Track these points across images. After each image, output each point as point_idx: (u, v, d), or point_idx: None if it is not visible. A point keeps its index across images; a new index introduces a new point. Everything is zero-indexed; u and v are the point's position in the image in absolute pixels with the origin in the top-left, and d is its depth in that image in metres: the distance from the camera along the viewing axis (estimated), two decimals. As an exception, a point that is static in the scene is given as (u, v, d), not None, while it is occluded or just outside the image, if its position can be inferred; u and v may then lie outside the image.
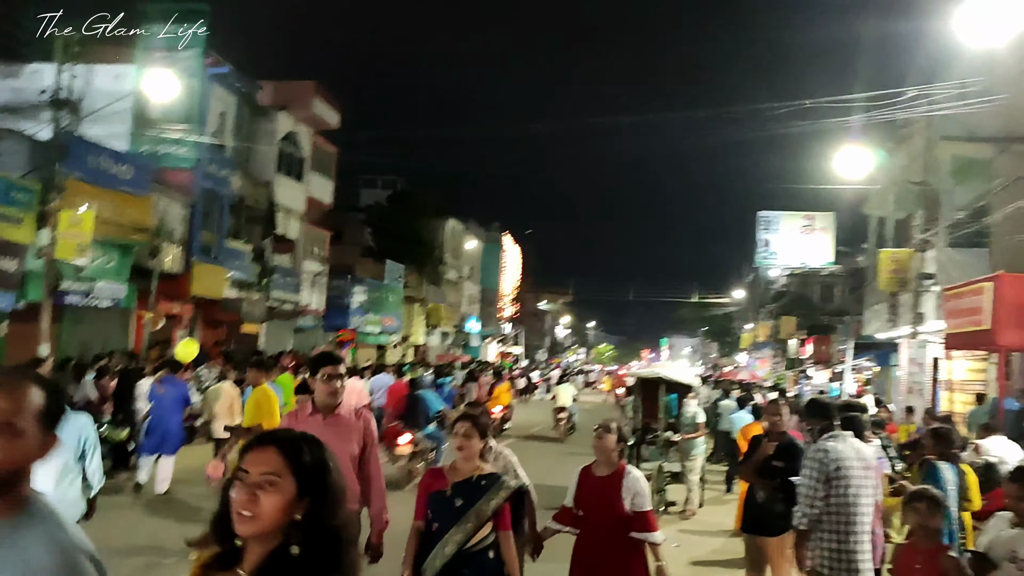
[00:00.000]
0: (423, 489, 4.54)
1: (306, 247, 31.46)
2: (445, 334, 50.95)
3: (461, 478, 4.41)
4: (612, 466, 5.03)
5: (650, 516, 4.92)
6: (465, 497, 4.33)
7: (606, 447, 5.04)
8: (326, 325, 32.59)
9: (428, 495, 4.47)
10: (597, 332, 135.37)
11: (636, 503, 4.89)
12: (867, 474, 5.23)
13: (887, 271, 18.88)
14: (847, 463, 5.16)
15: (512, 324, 70.61)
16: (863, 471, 5.20)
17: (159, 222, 20.87)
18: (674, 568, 8.36)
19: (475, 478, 4.39)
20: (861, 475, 5.18)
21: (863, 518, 5.14)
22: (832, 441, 5.27)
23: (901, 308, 21.01)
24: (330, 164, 33.06)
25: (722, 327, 72.33)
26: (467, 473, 4.41)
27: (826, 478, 5.13)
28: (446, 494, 4.36)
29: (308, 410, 5.07)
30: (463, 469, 4.44)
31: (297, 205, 29.89)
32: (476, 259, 59.14)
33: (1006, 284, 11.87)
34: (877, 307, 24.22)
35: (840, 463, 5.15)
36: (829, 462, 5.14)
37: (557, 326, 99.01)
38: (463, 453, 4.43)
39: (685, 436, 11.52)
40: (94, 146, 18.13)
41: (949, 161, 18.90)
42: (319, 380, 5.00)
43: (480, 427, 4.49)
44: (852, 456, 5.21)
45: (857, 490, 5.13)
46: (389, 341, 39.46)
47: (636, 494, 4.91)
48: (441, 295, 48.18)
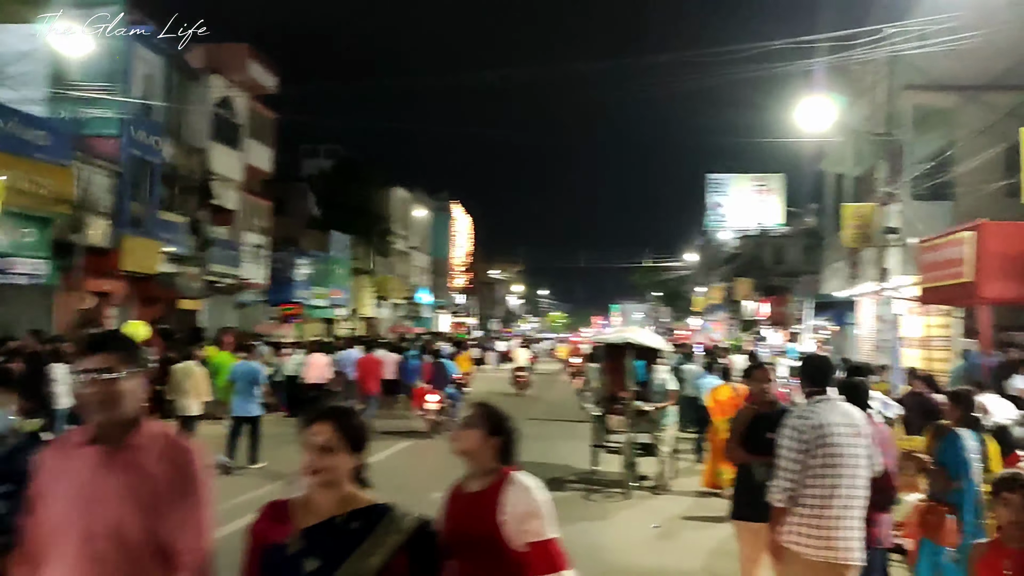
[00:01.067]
0: (253, 541, 2.65)
1: (246, 218, 30.03)
2: (396, 306, 49.80)
3: (316, 519, 2.57)
4: (487, 476, 3.21)
5: (551, 548, 3.10)
6: (322, 552, 2.53)
7: (469, 448, 3.25)
8: (270, 300, 31.29)
9: (260, 552, 2.62)
10: (549, 300, 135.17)
11: (526, 529, 3.07)
12: (856, 442, 4.49)
13: (850, 226, 18.31)
14: (831, 430, 4.46)
15: (464, 295, 69.64)
16: (852, 439, 4.48)
17: (82, 193, 19.43)
18: (658, 543, 7.80)
19: (341, 519, 2.58)
20: (849, 443, 4.47)
21: (850, 491, 4.43)
22: (817, 405, 4.57)
23: (863, 265, 20.53)
24: (268, 131, 31.51)
25: (674, 291, 72.31)
26: (327, 510, 2.59)
27: (806, 448, 4.44)
28: (287, 550, 2.54)
29: (74, 442, 2.71)
30: (320, 503, 2.61)
31: (234, 174, 28.42)
32: (425, 229, 57.92)
33: (989, 233, 11.23)
34: (836, 265, 23.76)
35: (823, 430, 4.45)
36: (808, 430, 4.46)
37: (509, 295, 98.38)
38: (320, 477, 2.58)
39: (656, 405, 10.73)
40: (6, 110, 16.70)
41: (911, 111, 18.35)
42: (78, 382, 2.67)
43: (351, 432, 2.66)
44: (839, 422, 4.49)
45: (841, 460, 4.43)
46: (337, 315, 38.25)
47: (526, 515, 3.09)
48: (390, 266, 46.96)
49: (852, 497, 4.42)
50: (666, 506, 9.93)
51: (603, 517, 9.16)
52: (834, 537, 4.35)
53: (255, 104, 30.14)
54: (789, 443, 4.49)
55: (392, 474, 10.08)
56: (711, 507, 10.00)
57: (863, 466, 4.49)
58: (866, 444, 4.53)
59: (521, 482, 3.17)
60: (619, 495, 10.25)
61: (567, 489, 10.82)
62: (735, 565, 7.34)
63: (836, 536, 4.36)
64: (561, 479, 11.48)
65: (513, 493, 3.12)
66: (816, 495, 4.40)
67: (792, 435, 4.50)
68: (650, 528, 8.70)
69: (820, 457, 4.42)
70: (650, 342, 11.47)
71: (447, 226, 62.79)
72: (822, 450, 4.42)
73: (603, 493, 10.47)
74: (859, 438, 4.51)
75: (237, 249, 28.58)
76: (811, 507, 4.40)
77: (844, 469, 4.41)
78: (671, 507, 9.90)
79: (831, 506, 4.37)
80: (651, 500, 10.20)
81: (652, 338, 12.07)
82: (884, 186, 17.90)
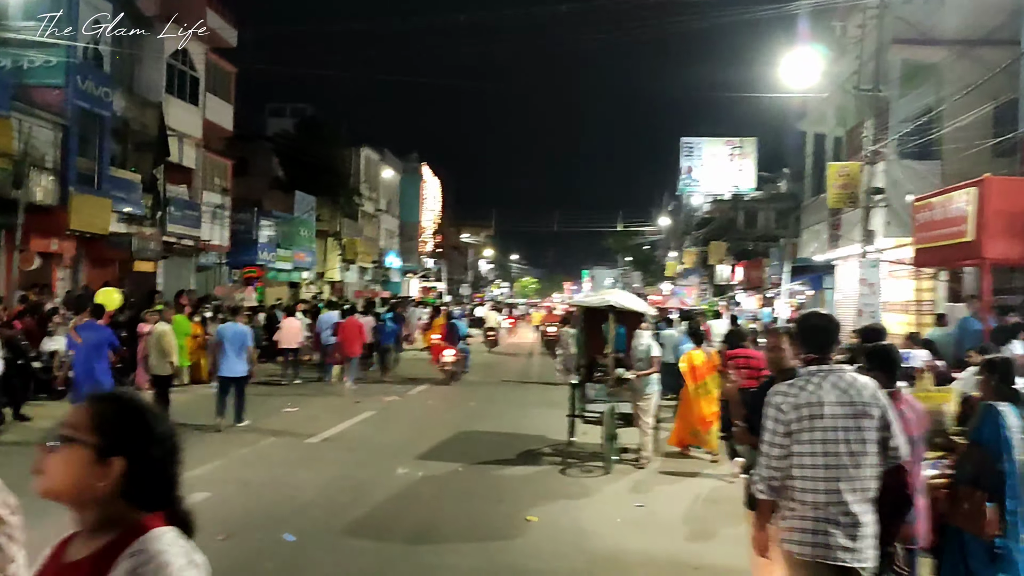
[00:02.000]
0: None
1: (206, 177, 28.75)
2: (363, 269, 48.68)
3: None
4: (103, 531, 1.71)
5: None
6: None
7: (62, 486, 1.71)
8: (231, 262, 30.12)
9: None
10: (520, 266, 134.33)
11: None
12: (859, 424, 3.66)
13: (835, 186, 17.61)
14: (821, 410, 3.66)
15: (434, 259, 68.56)
16: (850, 420, 3.66)
17: (23, 146, 18.20)
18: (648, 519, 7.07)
19: None
20: (848, 424, 3.66)
21: (852, 483, 3.63)
22: (812, 378, 3.76)
23: (846, 227, 19.92)
24: (229, 85, 30.07)
25: (646, 256, 71.74)
26: None
27: (788, 431, 3.67)
28: None
29: None
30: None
31: (193, 130, 27.09)
32: (394, 191, 56.63)
33: (992, 189, 10.52)
34: (816, 227, 23.16)
35: (810, 410, 3.66)
36: (790, 409, 3.68)
37: (480, 260, 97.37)
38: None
39: (639, 373, 9.99)
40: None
41: (900, 66, 17.64)
42: None
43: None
44: (834, 400, 3.68)
45: (836, 445, 3.63)
46: (303, 278, 37.14)
47: None
48: (357, 229, 45.77)
49: (855, 491, 3.63)
50: (650, 481, 9.24)
51: (583, 494, 8.44)
52: (833, 535, 3.58)
53: (214, 57, 28.71)
54: (770, 424, 3.73)
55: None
56: (699, 482, 9.35)
57: (871, 453, 3.67)
58: (877, 427, 3.70)
59: (155, 550, 1.65)
60: (599, 469, 9.55)
61: (543, 463, 10.12)
62: (729, 549, 6.68)
63: (835, 536, 3.58)
64: (536, 452, 10.78)
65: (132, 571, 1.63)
66: (807, 488, 3.63)
67: (772, 415, 3.73)
68: (634, 507, 7.99)
69: (807, 443, 3.65)
70: (633, 305, 10.70)
71: (417, 188, 61.43)
72: (809, 434, 3.65)
73: (581, 467, 9.76)
74: (864, 419, 3.69)
75: (196, 209, 27.34)
76: (802, 501, 3.64)
77: (842, 457, 3.62)
78: (655, 482, 9.21)
79: (825, 501, 3.60)
80: (633, 474, 9.50)
81: (635, 301, 11.30)
82: (871, 144, 17.20)
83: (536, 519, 7.36)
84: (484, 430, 12.58)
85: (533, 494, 8.40)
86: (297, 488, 8.32)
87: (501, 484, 8.85)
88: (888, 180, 17.41)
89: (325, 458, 9.90)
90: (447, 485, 8.71)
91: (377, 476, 8.99)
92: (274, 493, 8.10)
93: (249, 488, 8.24)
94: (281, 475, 8.90)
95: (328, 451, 10.41)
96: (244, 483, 8.43)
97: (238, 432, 11.66)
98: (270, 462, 9.67)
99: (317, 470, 9.18)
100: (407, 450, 10.43)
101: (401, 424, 12.85)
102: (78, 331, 10.96)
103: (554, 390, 16.65)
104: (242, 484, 8.38)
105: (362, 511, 7.52)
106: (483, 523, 7.26)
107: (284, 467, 9.35)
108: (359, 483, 8.64)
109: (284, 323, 19.24)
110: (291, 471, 9.12)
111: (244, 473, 8.93)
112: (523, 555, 6.38)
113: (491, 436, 12.04)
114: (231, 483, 8.37)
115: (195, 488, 8.05)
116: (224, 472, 8.93)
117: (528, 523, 7.26)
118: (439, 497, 8.17)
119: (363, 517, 7.34)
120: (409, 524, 7.13)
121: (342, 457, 9.98)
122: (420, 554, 6.35)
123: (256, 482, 8.49)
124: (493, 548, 6.55)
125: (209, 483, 8.31)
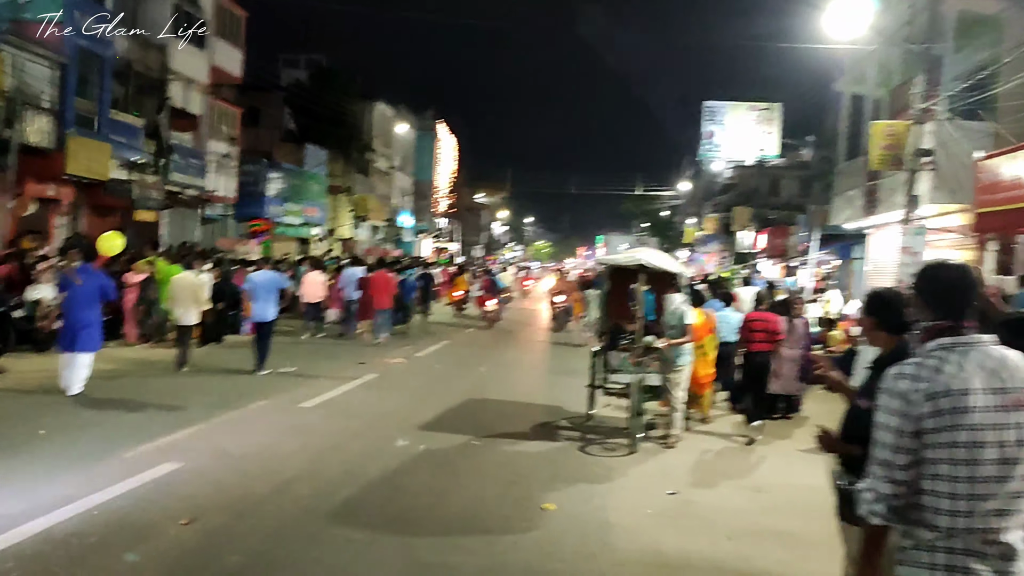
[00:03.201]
0: None
1: (213, 125, 27.68)
2: (375, 228, 47.63)
3: None
4: None
5: None
6: None
7: None
8: (238, 214, 29.16)
9: None
10: (534, 228, 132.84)
11: None
12: (1017, 419, 2.46)
13: (879, 147, 16.35)
14: (964, 400, 2.44)
15: (447, 219, 67.38)
16: (1005, 413, 2.46)
17: (15, 84, 17.17)
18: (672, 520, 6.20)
19: None
20: (1000, 420, 2.45)
21: (1004, 501, 2.45)
22: (947, 354, 2.55)
23: (883, 192, 18.68)
24: (238, 30, 28.85)
25: (664, 222, 70.30)
26: None
27: (918, 429, 2.48)
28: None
29: None
30: None
31: (199, 75, 25.98)
32: (408, 148, 55.35)
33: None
34: (850, 193, 21.87)
35: (951, 401, 2.45)
36: (921, 400, 2.47)
37: (494, 222, 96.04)
38: None
39: (671, 341, 8.93)
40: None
41: (955, 18, 16.29)
42: None
43: None
44: (982, 387, 2.46)
45: (983, 449, 2.44)
46: (312, 234, 36.14)
47: None
48: (370, 185, 44.63)
49: (1008, 512, 2.45)
50: (681, 463, 8.22)
51: (606, 478, 7.44)
52: (973, 571, 2.43)
53: (224, 0, 27.51)
54: (895, 422, 2.51)
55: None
56: (734, 464, 8.35)
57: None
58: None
59: None
60: (622, 447, 8.54)
61: (559, 438, 9.11)
62: (781, 554, 5.68)
63: (976, 570, 2.42)
64: (552, 425, 9.79)
65: None
66: (943, 509, 2.47)
67: (897, 407, 2.51)
68: (665, 495, 6.98)
69: (946, 447, 2.46)
70: (667, 265, 9.60)
71: (432, 147, 60.07)
72: (950, 434, 2.45)
73: (603, 445, 8.75)
74: (1021, 413, 2.49)
75: (202, 158, 26.34)
76: (932, 526, 2.49)
77: (991, 467, 2.44)
78: (687, 465, 8.19)
79: (966, 526, 2.44)
80: (661, 455, 8.49)
81: (668, 261, 10.19)
82: (920, 102, 15.92)
83: (553, 507, 6.37)
84: (495, 398, 11.61)
85: (550, 475, 7.41)
86: (282, 460, 7.35)
87: (513, 462, 7.87)
88: (937, 142, 16.16)
89: (317, 426, 8.92)
90: (451, 461, 7.73)
91: (373, 448, 8.01)
92: (255, 466, 7.13)
93: (227, 459, 7.26)
94: (266, 444, 7.93)
95: (322, 418, 9.44)
96: (222, 453, 7.46)
97: (242, 384, 11.42)
98: (255, 428, 8.70)
99: (307, 439, 8.21)
100: (409, 419, 9.46)
101: (405, 389, 11.87)
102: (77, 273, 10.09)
103: (573, 356, 15.67)
104: (220, 454, 7.41)
105: (352, 491, 6.55)
106: (492, 511, 6.27)
107: (270, 435, 8.38)
108: (352, 456, 7.67)
109: (307, 277, 18.78)
110: (278, 440, 8.15)
111: (224, 441, 7.95)
112: (540, 553, 5.39)
113: (502, 405, 11.06)
114: (207, 452, 7.40)
115: (167, 457, 7.13)
116: (202, 439, 7.98)
117: (544, 512, 6.27)
118: (441, 476, 7.19)
119: (352, 499, 6.36)
120: (405, 510, 6.16)
121: (337, 425, 9.00)
122: (416, 550, 5.35)
123: (236, 452, 7.51)
124: (504, 543, 5.56)
125: (184, 451, 7.37)
